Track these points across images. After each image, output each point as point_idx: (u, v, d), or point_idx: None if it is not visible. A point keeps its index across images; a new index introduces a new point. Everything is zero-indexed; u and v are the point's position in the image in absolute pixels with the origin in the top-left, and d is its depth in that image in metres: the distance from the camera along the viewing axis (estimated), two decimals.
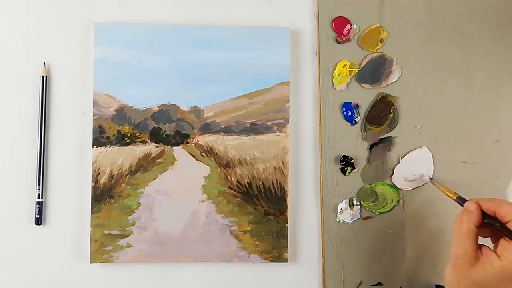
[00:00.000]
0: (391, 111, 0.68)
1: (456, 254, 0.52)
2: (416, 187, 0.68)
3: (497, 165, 0.68)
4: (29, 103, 0.66)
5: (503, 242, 0.50)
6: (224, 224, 0.66)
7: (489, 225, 0.52)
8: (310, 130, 0.68)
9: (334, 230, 0.67)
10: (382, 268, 0.67)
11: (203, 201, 0.66)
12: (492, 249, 0.51)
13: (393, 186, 0.67)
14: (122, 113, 0.66)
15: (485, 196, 0.68)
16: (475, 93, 0.69)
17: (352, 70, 0.68)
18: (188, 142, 0.67)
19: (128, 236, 0.65)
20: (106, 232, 0.64)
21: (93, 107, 0.65)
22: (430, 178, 0.66)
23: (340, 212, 0.67)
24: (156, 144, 0.66)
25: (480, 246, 0.52)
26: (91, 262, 0.64)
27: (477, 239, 0.52)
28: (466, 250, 0.51)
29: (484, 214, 0.52)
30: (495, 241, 0.52)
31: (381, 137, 0.68)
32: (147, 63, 0.66)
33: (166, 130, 0.66)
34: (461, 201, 0.56)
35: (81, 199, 0.66)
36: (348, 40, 0.68)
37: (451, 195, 0.58)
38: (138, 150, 0.66)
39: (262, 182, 0.66)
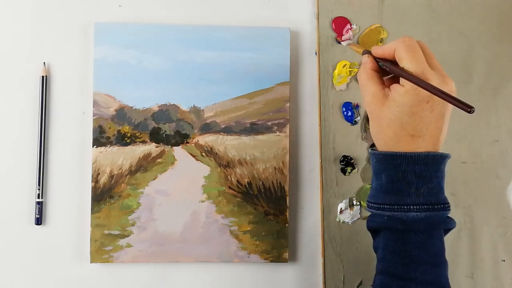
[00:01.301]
0: None
1: (367, 102, 0.50)
2: None
3: (497, 165, 0.68)
4: (29, 103, 0.66)
5: None
6: (224, 224, 0.66)
7: (382, 66, 0.51)
8: (310, 130, 0.68)
9: (334, 230, 0.67)
10: None
11: (203, 201, 0.66)
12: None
13: None
14: (122, 113, 0.66)
15: (484, 196, 0.68)
16: (475, 93, 0.69)
17: (352, 70, 0.68)
18: (188, 142, 0.67)
19: (128, 236, 0.65)
20: (106, 232, 0.64)
21: (93, 107, 0.65)
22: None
23: (340, 212, 0.67)
24: (156, 144, 0.66)
25: (388, 87, 0.50)
26: (91, 262, 0.64)
27: (380, 81, 0.51)
28: (373, 92, 0.50)
29: (378, 60, 0.51)
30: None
31: None
32: (147, 63, 0.66)
33: (166, 130, 0.66)
34: (366, 53, 0.54)
35: (81, 199, 0.66)
36: (348, 40, 0.68)
37: (359, 50, 0.55)
38: (138, 150, 0.66)
39: (262, 182, 0.67)
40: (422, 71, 0.47)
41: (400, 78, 0.49)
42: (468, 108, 0.43)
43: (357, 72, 0.67)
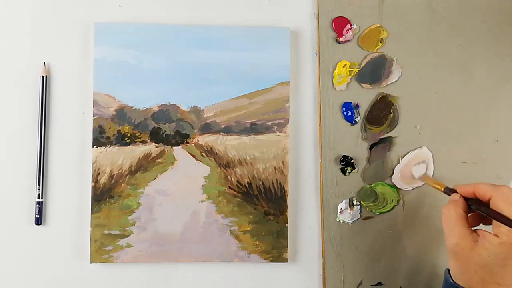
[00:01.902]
0: (391, 111, 0.68)
1: (453, 243, 0.51)
2: (416, 187, 0.68)
3: (497, 165, 0.68)
4: (29, 103, 0.66)
5: (496, 221, 0.50)
6: (224, 224, 0.66)
7: (476, 210, 0.52)
8: (310, 130, 0.68)
9: (334, 230, 0.67)
10: (382, 268, 0.67)
11: (203, 201, 0.66)
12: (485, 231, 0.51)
13: (393, 186, 0.67)
14: (122, 113, 0.66)
15: None
16: (475, 93, 0.69)
17: (352, 70, 0.68)
18: (188, 142, 0.67)
19: (128, 236, 0.65)
20: (106, 232, 0.64)
21: (93, 107, 0.65)
22: (419, 177, 0.66)
23: (340, 212, 0.67)
24: (156, 144, 0.66)
25: (474, 230, 0.51)
26: (91, 262, 0.64)
27: (468, 223, 0.52)
28: (462, 235, 0.50)
29: (468, 201, 0.53)
30: (486, 224, 0.53)
31: (381, 137, 0.68)
32: (147, 63, 0.66)
33: (166, 130, 0.66)
34: (449, 191, 0.55)
35: (81, 199, 0.66)
36: (348, 40, 0.68)
37: (439, 187, 0.57)
38: (138, 150, 0.66)
39: (262, 182, 0.67)
40: None
41: (494, 227, 0.50)
42: None
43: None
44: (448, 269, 0.55)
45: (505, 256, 0.49)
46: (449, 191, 0.55)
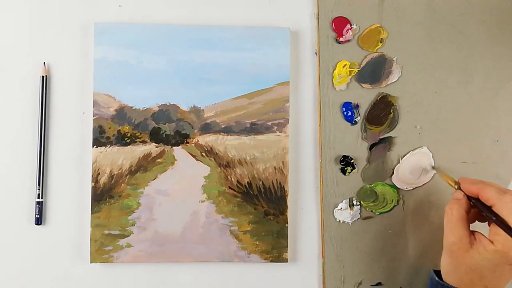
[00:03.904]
0: (391, 111, 0.68)
1: (451, 242, 0.53)
2: (416, 187, 0.68)
3: (497, 165, 0.68)
4: (29, 103, 0.66)
5: (493, 228, 0.52)
6: (224, 224, 0.66)
7: (480, 211, 0.54)
8: (310, 130, 0.68)
9: (334, 230, 0.67)
10: (382, 268, 0.67)
11: (203, 201, 0.66)
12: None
13: (393, 186, 0.67)
14: (122, 113, 0.66)
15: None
16: (475, 93, 0.69)
17: (352, 70, 0.68)
18: (188, 142, 0.67)
19: (128, 236, 0.65)
20: (106, 232, 0.64)
21: (93, 107, 0.65)
22: (433, 167, 0.67)
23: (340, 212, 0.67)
24: (156, 144, 0.66)
25: (472, 232, 0.53)
26: (91, 262, 0.64)
27: (468, 225, 0.54)
28: (460, 236, 0.53)
29: (472, 200, 0.55)
30: (481, 221, 0.55)
31: (381, 137, 0.68)
32: (147, 63, 0.66)
33: (166, 130, 0.66)
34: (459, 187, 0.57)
35: (81, 199, 0.66)
36: (348, 40, 0.68)
37: (453, 184, 0.59)
38: (138, 150, 0.66)
39: (262, 182, 0.67)
40: None
41: (491, 233, 0.52)
42: None
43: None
44: (433, 270, 0.57)
45: (496, 263, 0.50)
46: (459, 186, 0.57)
